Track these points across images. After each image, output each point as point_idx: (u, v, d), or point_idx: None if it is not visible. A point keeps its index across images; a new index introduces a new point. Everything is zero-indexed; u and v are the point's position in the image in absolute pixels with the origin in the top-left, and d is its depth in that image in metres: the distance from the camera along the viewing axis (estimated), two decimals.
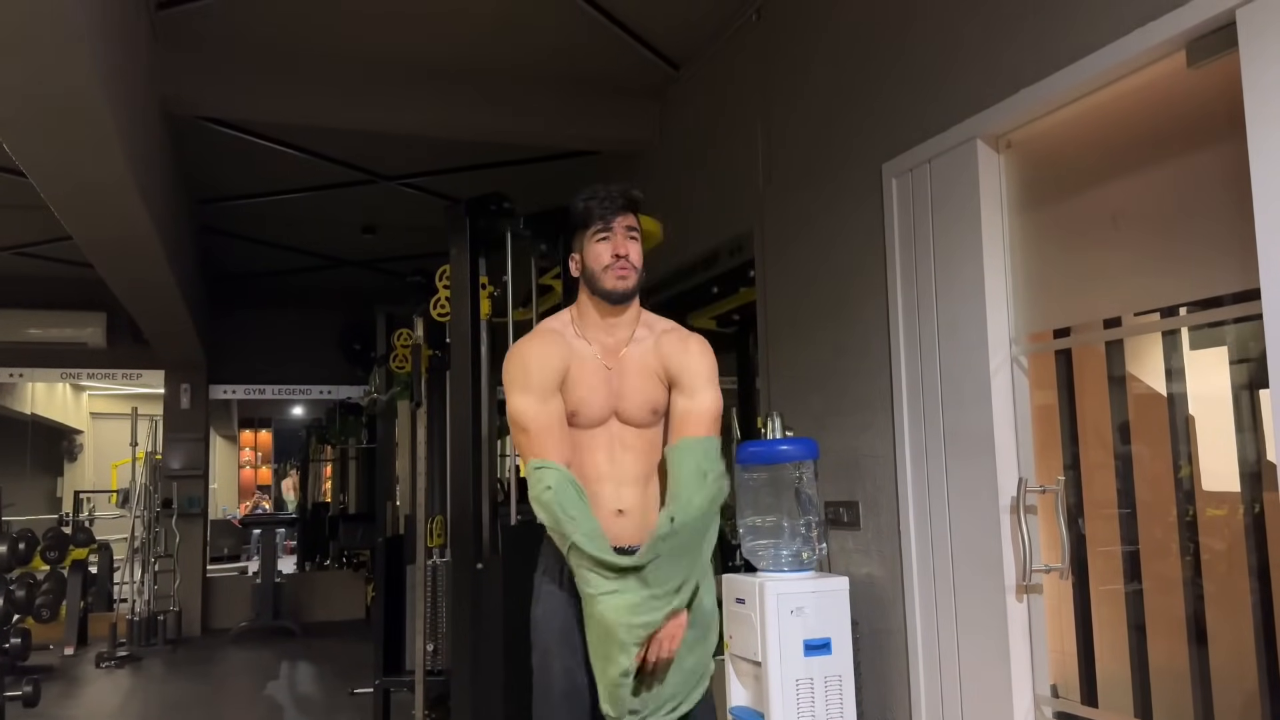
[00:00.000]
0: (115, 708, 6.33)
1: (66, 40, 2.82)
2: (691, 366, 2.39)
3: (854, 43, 3.73)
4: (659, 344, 2.42)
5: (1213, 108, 2.38)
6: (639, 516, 2.35)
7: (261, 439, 17.93)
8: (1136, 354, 2.94)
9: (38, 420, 11.96)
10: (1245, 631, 2.53)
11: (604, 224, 2.36)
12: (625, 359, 2.39)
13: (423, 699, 4.34)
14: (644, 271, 2.42)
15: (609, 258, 2.34)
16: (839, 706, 3.14)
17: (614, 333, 2.41)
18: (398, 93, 5.19)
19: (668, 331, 2.46)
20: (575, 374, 2.35)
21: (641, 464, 2.38)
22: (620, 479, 2.36)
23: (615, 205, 2.37)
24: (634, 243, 2.38)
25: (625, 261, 2.35)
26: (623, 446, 2.37)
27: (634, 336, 2.42)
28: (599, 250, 2.36)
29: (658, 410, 2.39)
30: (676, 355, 2.40)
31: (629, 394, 2.37)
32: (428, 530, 4.44)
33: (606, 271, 2.34)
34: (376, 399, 8.35)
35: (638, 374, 2.38)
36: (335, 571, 10.30)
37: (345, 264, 8.92)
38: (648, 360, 2.40)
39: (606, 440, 2.36)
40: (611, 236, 2.36)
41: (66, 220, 4.67)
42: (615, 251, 2.34)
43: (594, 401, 2.34)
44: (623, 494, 2.35)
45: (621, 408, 2.37)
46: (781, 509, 3.31)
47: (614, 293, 2.35)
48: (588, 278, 2.39)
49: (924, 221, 3.27)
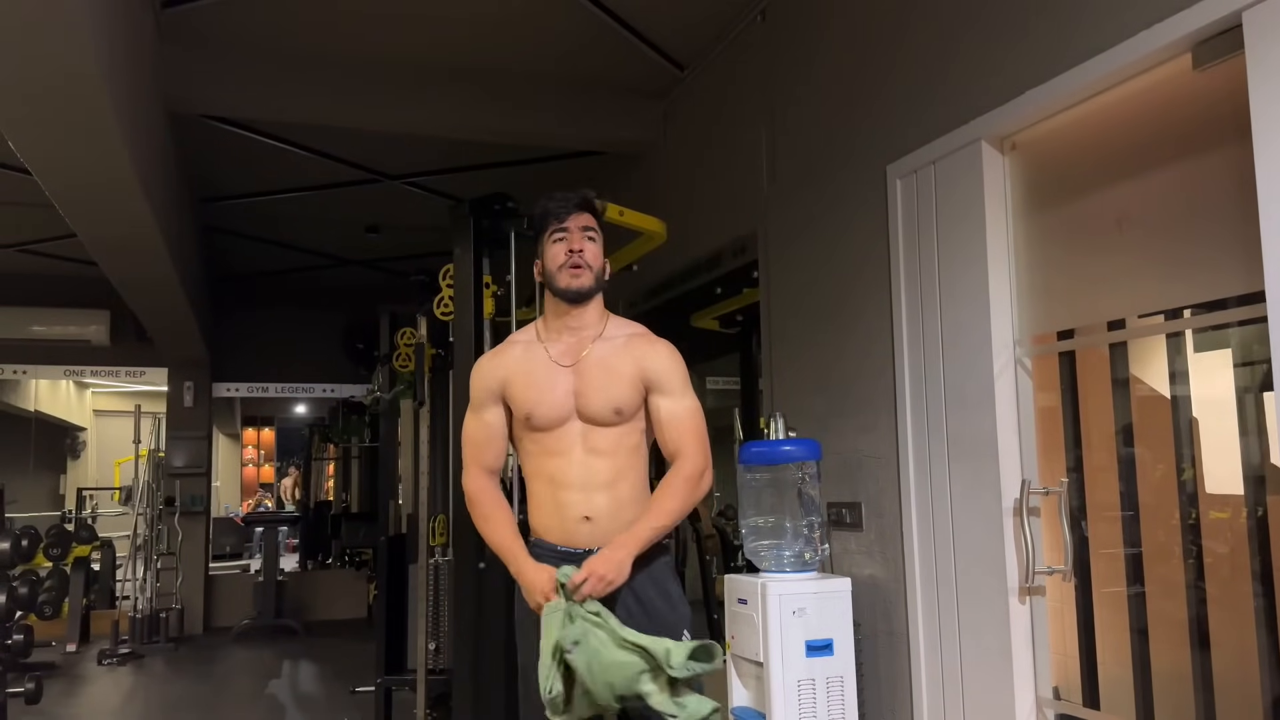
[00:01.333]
0: (117, 705, 6.34)
1: (70, 36, 2.82)
2: (667, 367, 2.42)
3: (858, 44, 3.73)
4: (629, 345, 2.43)
5: (1218, 110, 2.37)
6: (606, 521, 2.35)
7: (264, 437, 17.93)
8: (1140, 356, 2.94)
9: (41, 417, 11.98)
10: (1248, 635, 2.53)
11: (559, 224, 2.41)
12: (587, 358, 2.40)
13: (424, 698, 4.34)
14: (605, 273, 2.46)
15: (564, 255, 2.38)
16: (840, 707, 3.14)
17: (576, 333, 2.43)
18: (402, 92, 5.19)
19: (636, 335, 2.47)
20: (523, 379, 2.39)
21: (611, 469, 2.37)
22: (589, 485, 2.36)
23: (570, 205, 2.42)
24: (591, 242, 2.41)
25: (579, 257, 2.38)
26: (592, 452, 2.36)
27: (602, 335, 2.43)
28: (556, 250, 2.40)
29: (622, 410, 2.37)
30: (649, 357, 2.42)
31: (589, 393, 2.36)
32: (430, 529, 4.44)
33: (561, 270, 2.38)
34: (380, 398, 8.34)
35: (601, 373, 2.38)
36: (337, 570, 10.31)
37: (349, 263, 8.93)
38: (614, 360, 2.40)
39: (574, 444, 2.37)
40: (567, 236, 2.40)
41: (70, 217, 4.67)
42: (570, 247, 2.38)
43: (547, 401, 2.36)
44: (592, 500, 2.35)
45: (582, 406, 2.37)
46: (784, 510, 3.31)
47: (568, 290, 2.38)
48: (547, 279, 2.43)
49: (928, 223, 3.26)
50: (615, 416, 2.37)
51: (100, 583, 9.14)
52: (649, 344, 2.45)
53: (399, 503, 7.36)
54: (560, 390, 2.37)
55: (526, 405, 2.38)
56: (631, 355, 2.41)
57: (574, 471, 2.36)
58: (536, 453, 2.41)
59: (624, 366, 2.39)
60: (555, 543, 2.38)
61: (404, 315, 6.11)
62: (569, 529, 2.36)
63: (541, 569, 2.30)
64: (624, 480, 2.38)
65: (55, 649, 7.99)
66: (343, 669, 7.04)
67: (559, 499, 2.37)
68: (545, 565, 2.31)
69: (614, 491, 2.36)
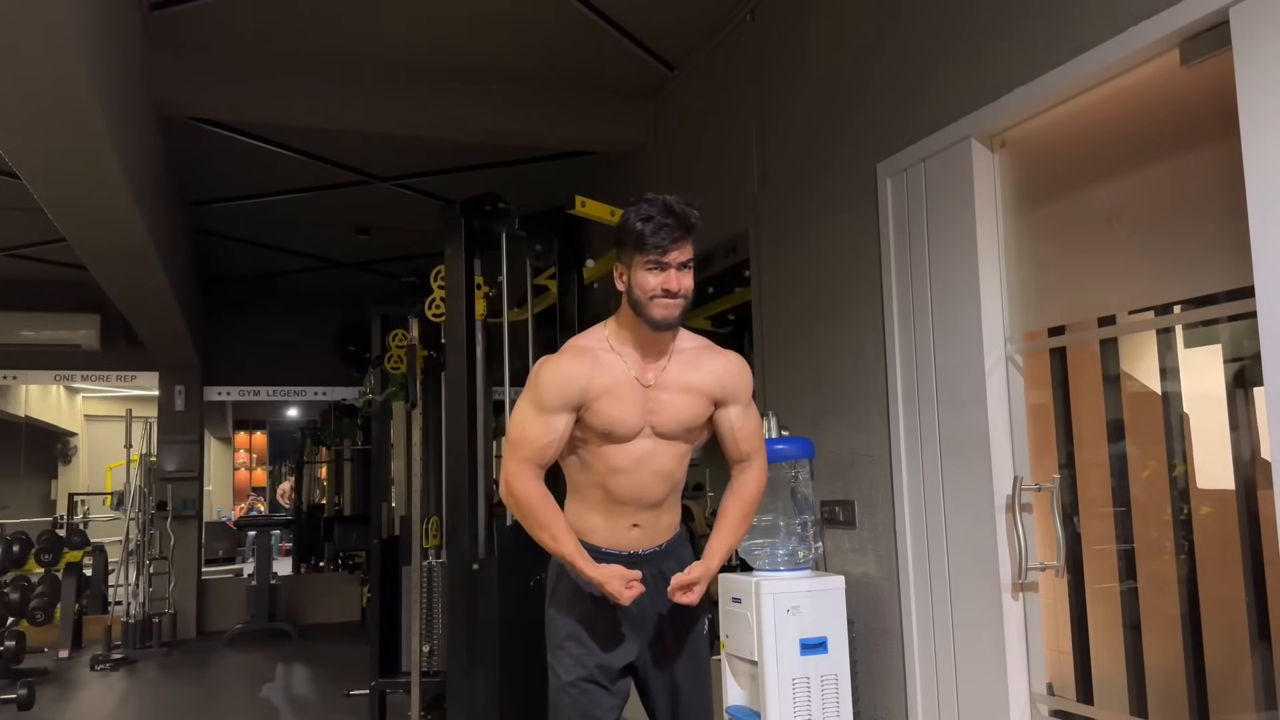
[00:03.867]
0: (110, 711, 6.31)
1: (58, 40, 2.81)
2: (740, 381, 2.45)
3: (848, 43, 3.73)
4: (699, 359, 2.42)
5: (1206, 107, 2.38)
6: (650, 527, 2.43)
7: (256, 441, 17.90)
8: (1131, 353, 2.95)
9: (32, 423, 11.93)
10: (1240, 629, 2.54)
11: (660, 255, 2.25)
12: (665, 376, 2.37)
13: (419, 700, 4.34)
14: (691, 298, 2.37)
15: (659, 289, 2.26)
16: (835, 705, 3.14)
17: (652, 351, 2.38)
18: (392, 94, 5.18)
19: (704, 348, 2.46)
20: (606, 392, 2.32)
21: (667, 488, 2.42)
22: (643, 502, 2.39)
23: (671, 236, 2.25)
24: (687, 274, 2.30)
25: (676, 296, 2.28)
26: (655, 474, 2.38)
27: (673, 350, 2.40)
28: (648, 279, 2.27)
29: (692, 429, 2.41)
30: (727, 373, 2.43)
31: (665, 411, 2.36)
32: (423, 531, 4.43)
33: (654, 301, 2.27)
34: (372, 400, 8.32)
35: (677, 391, 2.37)
36: (331, 573, 10.29)
37: (340, 265, 8.91)
38: (690, 377, 2.38)
39: (640, 462, 2.36)
40: (664, 270, 2.26)
41: (61, 222, 4.66)
42: (666, 287, 2.26)
43: (627, 420, 2.34)
44: (641, 514, 2.41)
45: (656, 423, 2.36)
46: (778, 508, 3.31)
47: (661, 322, 2.29)
48: (633, 301, 2.32)
49: (919, 221, 3.27)
50: (686, 434, 2.41)
51: (92, 588, 9.10)
52: (722, 357, 2.45)
53: (392, 505, 7.35)
54: (639, 409, 2.35)
55: (607, 421, 2.33)
56: (706, 371, 2.41)
57: (632, 489, 2.38)
58: (599, 467, 2.38)
59: (698, 383, 2.39)
60: (600, 545, 2.39)
61: (395, 317, 6.10)
62: (618, 533, 2.40)
63: (604, 566, 2.33)
64: (673, 493, 2.46)
65: (47, 655, 7.95)
66: (337, 672, 7.03)
67: (611, 510, 2.39)
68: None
69: (661, 507, 2.44)
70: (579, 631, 2.38)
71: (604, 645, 2.37)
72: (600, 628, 2.37)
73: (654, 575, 2.41)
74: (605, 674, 2.37)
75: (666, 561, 2.44)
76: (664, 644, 2.43)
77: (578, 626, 2.38)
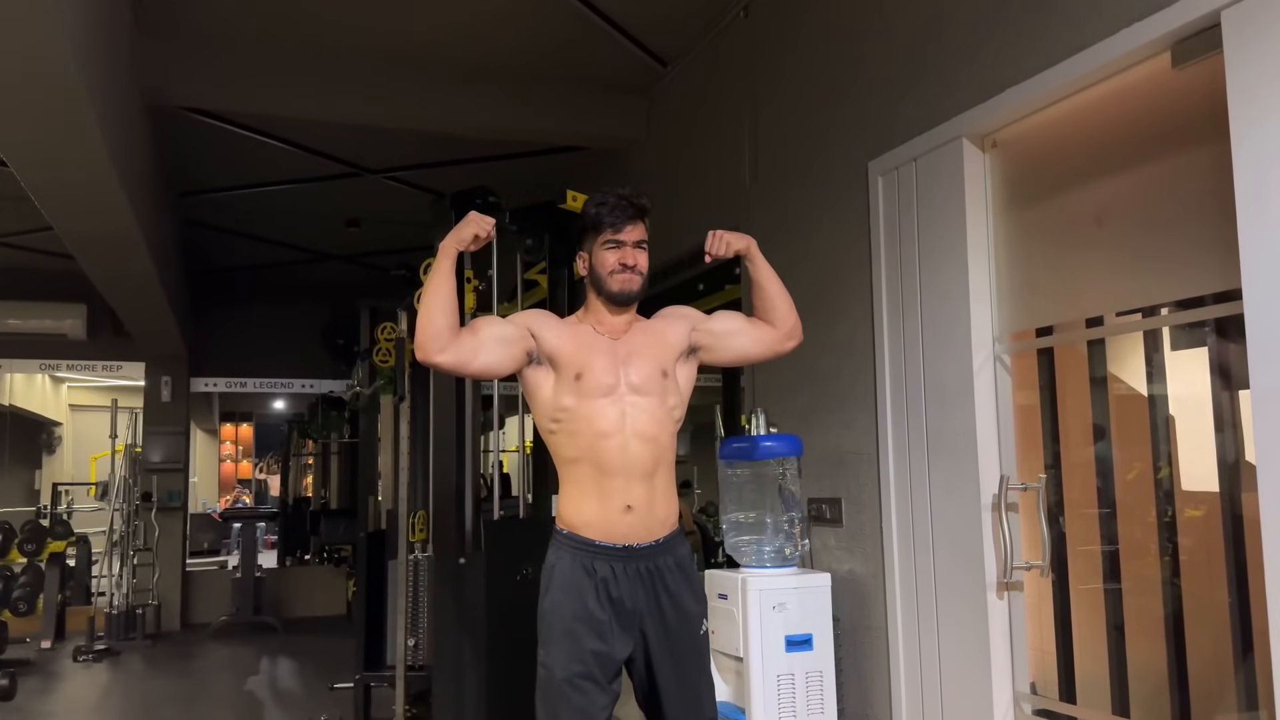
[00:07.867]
0: (93, 702, 6.29)
1: (45, 29, 2.79)
2: (695, 313, 2.62)
3: (841, 41, 3.73)
4: (661, 319, 2.60)
5: (1197, 109, 2.39)
6: (645, 513, 2.41)
7: (243, 433, 17.83)
8: (1118, 354, 2.96)
9: (16, 412, 11.85)
10: (1222, 630, 2.55)
11: (614, 234, 2.47)
12: (630, 334, 2.52)
13: (403, 694, 4.33)
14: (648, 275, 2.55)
15: (617, 265, 2.47)
16: (820, 702, 3.15)
17: (618, 328, 2.52)
18: (383, 86, 5.16)
19: (661, 314, 2.63)
20: (570, 341, 2.46)
21: (653, 456, 2.43)
22: (632, 472, 2.40)
23: (625, 215, 2.48)
24: (642, 253, 2.50)
25: (632, 270, 2.48)
26: (637, 435, 2.40)
27: (634, 325, 2.56)
28: (608, 257, 2.48)
29: (667, 373, 2.48)
30: (683, 314, 2.61)
31: (636, 356, 2.45)
32: (410, 525, 4.42)
33: (613, 276, 2.47)
34: (359, 393, 8.32)
35: (644, 342, 2.50)
36: (316, 567, 10.25)
37: (329, 257, 8.88)
38: (652, 326, 2.55)
39: (620, 420, 2.40)
40: (620, 247, 2.47)
41: (48, 211, 4.63)
42: (623, 262, 2.47)
43: (598, 365, 2.42)
44: (632, 489, 2.40)
45: (629, 374, 2.43)
46: (764, 505, 3.32)
47: (620, 294, 2.48)
48: (595, 280, 2.51)
49: (909, 219, 3.27)
50: (663, 380, 2.47)
51: (76, 579, 9.06)
52: (679, 309, 2.65)
53: (379, 499, 7.33)
54: (610, 357, 2.45)
55: (577, 364, 2.42)
56: (668, 318, 2.59)
57: (620, 455, 2.39)
58: (585, 432, 2.41)
59: (662, 328, 2.55)
60: (595, 538, 2.39)
61: (384, 310, 6.10)
62: (611, 519, 2.39)
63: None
64: (662, 466, 2.46)
65: (30, 645, 7.91)
66: (321, 665, 7.01)
67: (602, 486, 2.39)
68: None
69: (652, 482, 2.43)
70: (574, 628, 2.36)
71: (599, 643, 2.36)
72: (595, 625, 2.36)
73: (650, 571, 2.40)
74: (600, 671, 2.35)
75: (664, 558, 2.43)
76: (662, 644, 2.41)
77: (572, 623, 2.37)
